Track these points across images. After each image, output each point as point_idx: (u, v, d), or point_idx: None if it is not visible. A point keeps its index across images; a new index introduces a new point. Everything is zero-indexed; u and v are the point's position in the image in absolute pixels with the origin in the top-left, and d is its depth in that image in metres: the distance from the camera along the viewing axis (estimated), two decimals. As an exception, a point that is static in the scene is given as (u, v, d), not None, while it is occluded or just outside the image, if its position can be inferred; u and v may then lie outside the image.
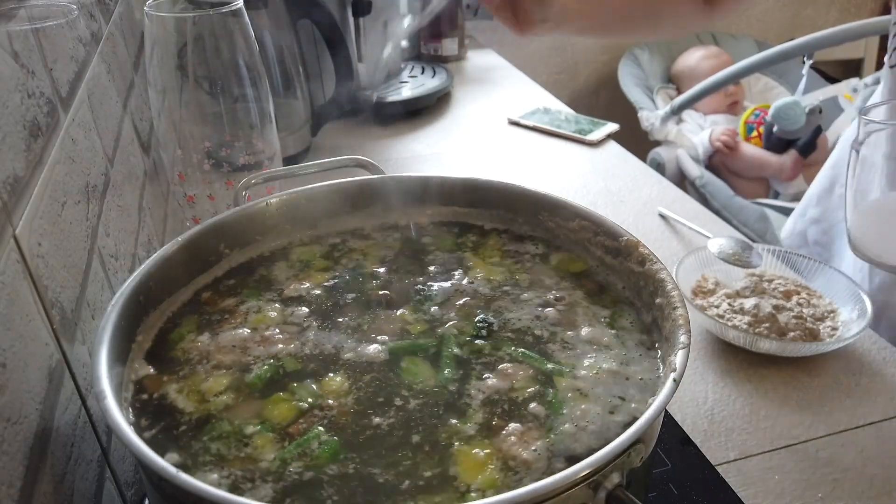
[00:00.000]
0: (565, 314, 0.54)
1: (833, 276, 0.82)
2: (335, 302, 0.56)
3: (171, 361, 0.49)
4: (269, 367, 0.49)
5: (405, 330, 0.53)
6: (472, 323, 0.53)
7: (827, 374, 0.74)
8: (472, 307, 0.55)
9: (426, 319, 0.54)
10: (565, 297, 0.56)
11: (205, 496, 0.34)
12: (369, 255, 0.62)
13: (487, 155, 1.28)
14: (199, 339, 0.51)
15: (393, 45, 1.15)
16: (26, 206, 0.44)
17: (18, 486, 0.37)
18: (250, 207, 0.61)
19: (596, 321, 0.53)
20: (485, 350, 0.50)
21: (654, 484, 0.61)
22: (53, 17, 0.59)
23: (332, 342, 0.51)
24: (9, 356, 0.38)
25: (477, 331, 0.52)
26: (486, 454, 0.42)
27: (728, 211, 2.10)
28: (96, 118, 0.65)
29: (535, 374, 0.48)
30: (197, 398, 0.46)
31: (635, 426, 0.37)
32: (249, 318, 0.54)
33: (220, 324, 0.53)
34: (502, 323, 0.53)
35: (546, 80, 1.84)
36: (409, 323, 0.53)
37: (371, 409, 0.45)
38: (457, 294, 0.56)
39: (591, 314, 0.54)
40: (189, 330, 0.52)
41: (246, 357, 0.50)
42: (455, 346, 0.50)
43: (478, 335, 0.52)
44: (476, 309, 0.55)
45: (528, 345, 0.51)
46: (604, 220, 0.58)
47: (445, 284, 0.58)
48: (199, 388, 0.47)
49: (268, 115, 0.80)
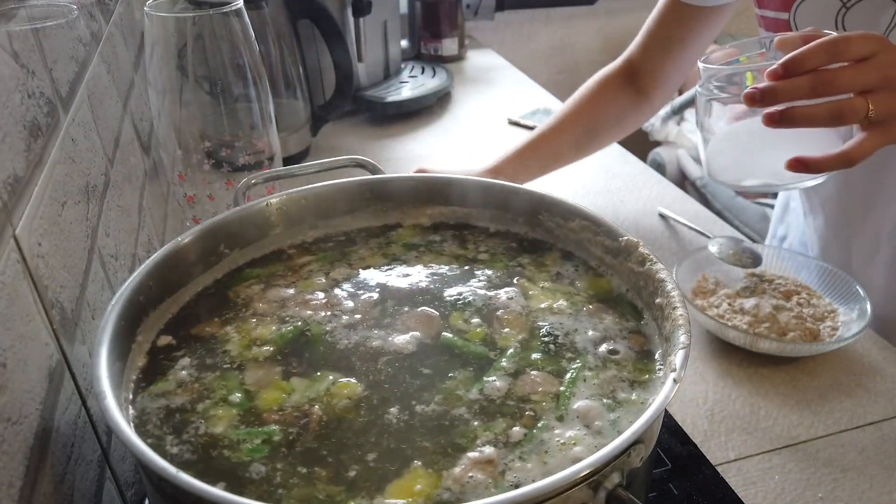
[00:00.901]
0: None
1: (833, 275, 0.82)
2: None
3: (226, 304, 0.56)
4: (294, 328, 0.52)
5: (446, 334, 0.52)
6: (538, 337, 0.52)
7: (827, 374, 0.74)
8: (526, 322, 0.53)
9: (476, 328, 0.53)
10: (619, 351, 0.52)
11: (205, 496, 0.34)
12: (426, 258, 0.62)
13: (487, 155, 1.27)
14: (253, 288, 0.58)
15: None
16: (26, 206, 0.44)
17: (18, 486, 0.37)
18: (250, 207, 0.61)
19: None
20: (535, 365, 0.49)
21: (654, 484, 0.61)
22: (53, 17, 0.59)
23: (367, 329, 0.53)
24: (9, 356, 0.38)
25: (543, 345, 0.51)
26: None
27: (730, 211, 2.10)
28: (96, 118, 0.65)
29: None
30: (237, 342, 0.51)
31: (635, 426, 0.37)
32: (301, 282, 0.58)
33: (278, 279, 0.58)
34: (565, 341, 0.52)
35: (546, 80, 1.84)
36: (463, 330, 0.53)
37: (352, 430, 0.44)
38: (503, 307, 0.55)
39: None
40: (254, 276, 0.59)
41: (285, 312, 0.54)
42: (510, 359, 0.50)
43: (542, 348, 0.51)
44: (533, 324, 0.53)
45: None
46: (604, 220, 0.58)
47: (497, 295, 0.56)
48: (246, 330, 0.53)
49: (268, 115, 0.80)
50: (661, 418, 0.46)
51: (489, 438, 0.43)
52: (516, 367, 0.49)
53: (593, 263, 0.60)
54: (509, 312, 0.54)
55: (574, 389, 0.47)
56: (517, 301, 0.56)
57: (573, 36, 2.55)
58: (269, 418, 0.45)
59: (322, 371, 0.48)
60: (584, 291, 0.57)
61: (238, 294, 0.57)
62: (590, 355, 0.50)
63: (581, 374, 0.48)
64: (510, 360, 0.49)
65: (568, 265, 0.61)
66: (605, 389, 0.47)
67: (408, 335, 0.52)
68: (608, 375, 0.48)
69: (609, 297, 0.56)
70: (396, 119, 1.39)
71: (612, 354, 0.50)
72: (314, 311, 0.55)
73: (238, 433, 0.44)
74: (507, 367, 0.49)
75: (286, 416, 0.45)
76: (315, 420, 0.44)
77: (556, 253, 0.62)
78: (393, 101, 1.37)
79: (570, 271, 0.60)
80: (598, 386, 0.47)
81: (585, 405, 0.46)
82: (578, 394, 0.47)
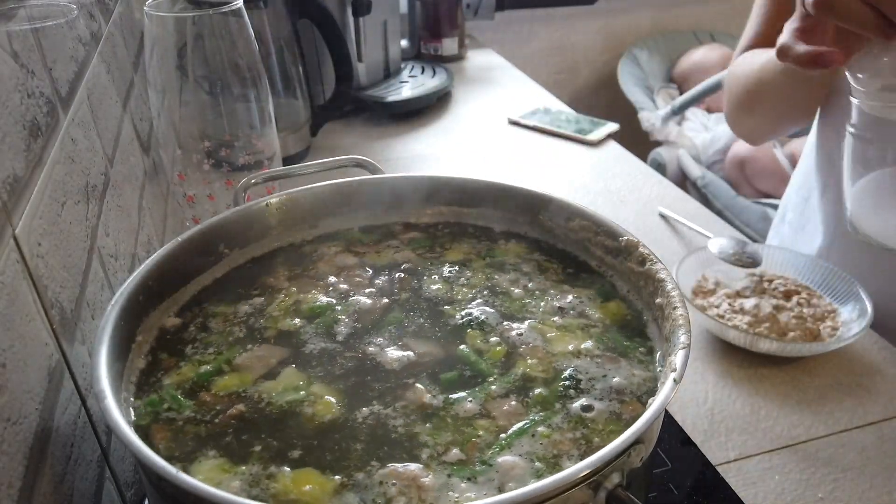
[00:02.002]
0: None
1: (833, 275, 0.81)
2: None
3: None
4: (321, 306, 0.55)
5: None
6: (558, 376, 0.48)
7: (827, 374, 0.74)
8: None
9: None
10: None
11: (205, 496, 0.34)
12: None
13: (487, 155, 1.28)
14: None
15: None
16: (26, 206, 0.44)
17: (18, 486, 0.37)
18: (250, 207, 0.61)
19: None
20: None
21: (655, 484, 0.61)
22: (53, 16, 0.59)
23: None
24: (9, 356, 0.38)
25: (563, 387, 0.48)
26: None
27: (730, 211, 2.10)
28: (96, 118, 0.65)
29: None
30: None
31: (635, 426, 0.37)
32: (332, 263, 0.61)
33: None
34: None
35: (546, 80, 1.84)
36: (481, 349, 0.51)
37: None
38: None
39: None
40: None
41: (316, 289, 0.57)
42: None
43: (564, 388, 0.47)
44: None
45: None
46: (604, 220, 0.58)
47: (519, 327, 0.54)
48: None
49: (268, 115, 0.80)
50: (661, 418, 0.46)
51: (426, 453, 0.42)
52: (506, 391, 0.47)
53: (594, 264, 0.60)
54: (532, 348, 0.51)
55: (513, 441, 0.43)
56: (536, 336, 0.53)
57: (573, 36, 2.55)
58: (202, 396, 0.47)
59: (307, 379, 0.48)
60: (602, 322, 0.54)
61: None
62: (559, 412, 0.45)
63: (533, 428, 0.44)
64: (502, 384, 0.48)
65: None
66: (548, 451, 0.43)
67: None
68: (564, 438, 0.44)
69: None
70: (396, 119, 1.39)
71: (585, 411, 0.46)
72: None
73: (167, 394, 0.47)
74: (496, 390, 0.47)
75: (216, 399, 0.47)
76: (234, 414, 0.45)
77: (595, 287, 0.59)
78: (393, 101, 1.37)
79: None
80: (544, 446, 0.43)
81: (511, 461, 0.42)
82: (515, 447, 0.43)
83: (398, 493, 0.39)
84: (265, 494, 0.40)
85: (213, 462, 0.42)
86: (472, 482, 0.40)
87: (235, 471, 0.41)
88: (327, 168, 0.67)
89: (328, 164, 0.67)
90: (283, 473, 0.41)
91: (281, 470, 0.41)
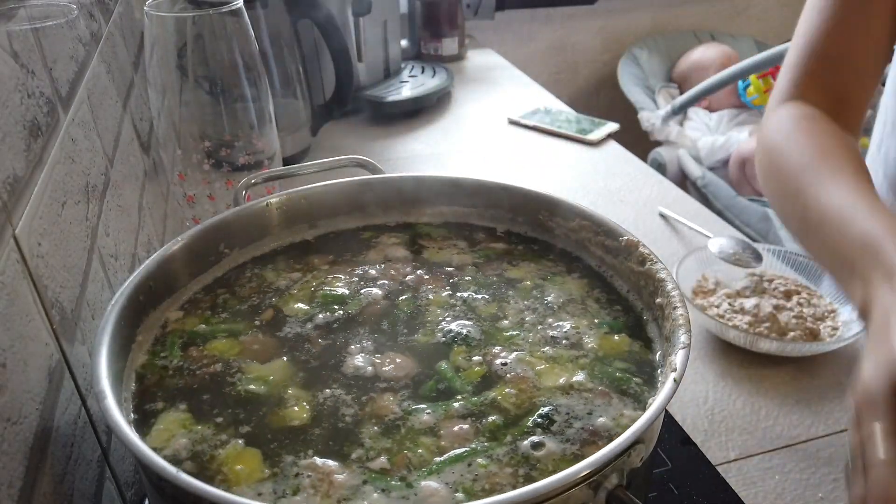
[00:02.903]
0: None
1: (833, 275, 0.82)
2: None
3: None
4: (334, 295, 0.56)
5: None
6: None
7: (827, 374, 0.74)
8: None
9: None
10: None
11: (205, 496, 0.34)
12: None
13: (487, 155, 1.28)
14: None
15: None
16: (26, 206, 0.44)
17: (18, 486, 0.37)
18: (250, 207, 0.61)
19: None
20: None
21: (655, 484, 0.61)
22: (53, 16, 0.59)
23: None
24: (9, 356, 0.38)
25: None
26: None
27: (731, 211, 2.10)
28: (96, 118, 0.65)
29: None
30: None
31: (635, 426, 0.37)
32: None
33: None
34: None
35: (546, 80, 1.84)
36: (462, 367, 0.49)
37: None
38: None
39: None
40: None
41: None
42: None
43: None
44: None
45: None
46: (604, 220, 0.58)
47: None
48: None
49: (268, 115, 0.80)
50: (662, 418, 0.46)
51: (357, 453, 0.42)
52: (467, 410, 0.45)
53: (594, 264, 0.60)
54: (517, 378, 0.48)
55: (445, 467, 0.41)
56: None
57: (573, 36, 2.55)
58: (190, 351, 0.50)
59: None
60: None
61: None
62: (505, 445, 0.43)
63: (471, 457, 0.42)
64: (467, 403, 0.46)
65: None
66: (478, 484, 0.40)
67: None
68: (503, 472, 0.41)
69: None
70: (396, 119, 1.39)
71: (534, 449, 0.42)
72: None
73: (169, 340, 0.51)
74: (457, 409, 0.45)
75: (201, 356, 0.50)
76: (210, 372, 0.48)
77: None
78: (393, 100, 1.37)
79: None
80: (476, 478, 0.40)
81: (433, 488, 0.40)
82: (445, 473, 0.40)
83: (309, 486, 0.40)
84: (202, 457, 0.42)
85: (178, 415, 0.45)
86: (384, 494, 0.39)
87: (192, 429, 0.44)
88: (327, 168, 0.67)
89: (328, 164, 0.67)
90: (231, 445, 0.42)
91: (231, 441, 0.43)
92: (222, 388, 0.47)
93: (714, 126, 2.41)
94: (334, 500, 0.39)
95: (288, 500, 0.39)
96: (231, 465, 0.41)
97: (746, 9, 2.76)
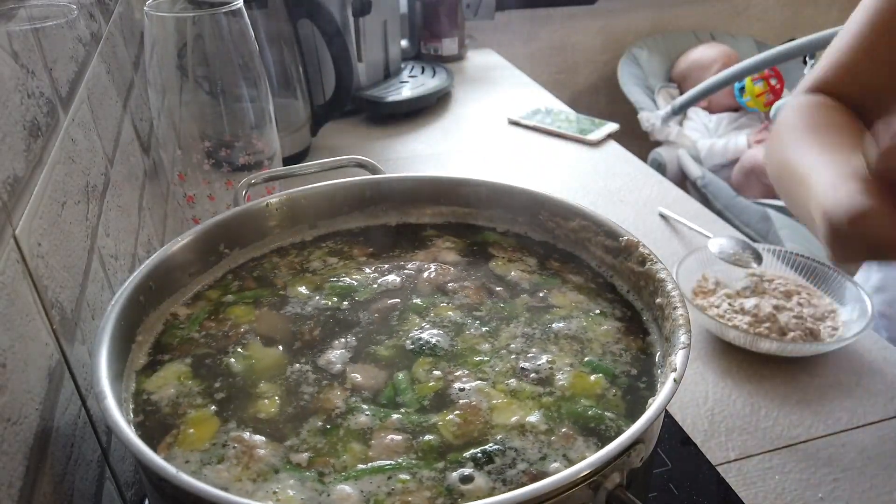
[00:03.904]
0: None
1: (834, 275, 0.82)
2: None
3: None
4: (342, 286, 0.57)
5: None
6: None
7: (827, 374, 0.74)
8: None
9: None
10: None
11: (205, 496, 0.34)
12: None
13: (487, 155, 1.28)
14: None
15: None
16: (26, 206, 0.44)
17: (18, 486, 0.37)
18: (250, 207, 0.61)
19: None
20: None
21: (655, 484, 0.61)
22: (53, 17, 0.59)
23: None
24: (9, 356, 0.38)
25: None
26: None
27: (730, 211, 2.10)
28: (96, 118, 0.65)
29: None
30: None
31: (635, 426, 0.37)
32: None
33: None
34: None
35: (546, 80, 1.84)
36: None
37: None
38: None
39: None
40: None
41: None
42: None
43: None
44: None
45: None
46: (604, 220, 0.58)
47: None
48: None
49: (268, 115, 0.80)
50: (662, 418, 0.46)
51: (290, 441, 0.43)
52: (402, 425, 0.44)
53: (594, 264, 0.60)
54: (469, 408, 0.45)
55: (364, 475, 0.40)
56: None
57: (573, 36, 2.55)
58: (208, 324, 0.53)
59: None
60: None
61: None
62: (433, 469, 0.41)
63: (393, 471, 0.41)
64: (406, 419, 0.44)
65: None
66: (392, 499, 0.39)
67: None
68: (420, 496, 0.39)
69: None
70: (396, 119, 1.39)
71: (462, 482, 0.40)
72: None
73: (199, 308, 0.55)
74: (394, 421, 0.44)
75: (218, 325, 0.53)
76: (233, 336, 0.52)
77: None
78: (393, 101, 1.37)
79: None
80: (392, 493, 0.39)
81: (346, 492, 0.39)
82: (362, 481, 0.40)
83: (233, 456, 0.41)
84: (175, 411, 0.45)
85: (180, 367, 0.49)
86: (298, 483, 0.40)
87: (184, 382, 0.47)
88: (327, 168, 0.67)
89: (328, 164, 0.67)
90: (202, 410, 0.45)
91: (205, 406, 0.45)
92: (224, 355, 0.50)
93: (713, 128, 2.41)
94: (253, 472, 0.41)
95: (212, 468, 0.41)
96: (187, 427, 0.44)
97: (746, 9, 2.76)
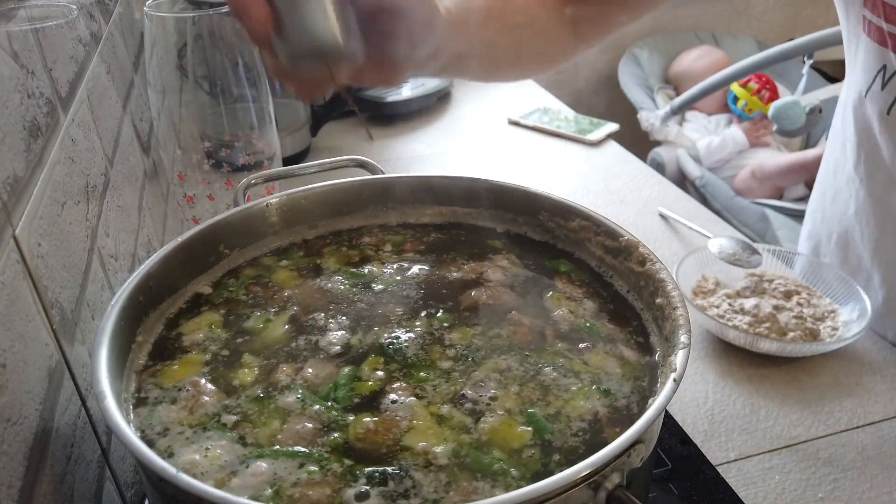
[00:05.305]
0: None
1: (833, 275, 0.82)
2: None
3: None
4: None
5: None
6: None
7: (827, 374, 0.74)
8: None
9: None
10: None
11: (204, 496, 0.34)
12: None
13: (487, 155, 1.28)
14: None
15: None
16: (26, 206, 0.44)
17: (18, 486, 0.37)
18: (250, 207, 0.61)
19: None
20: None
21: (655, 484, 0.61)
22: (53, 17, 0.59)
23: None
24: (9, 356, 0.38)
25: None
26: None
27: (728, 211, 2.10)
28: (96, 118, 0.65)
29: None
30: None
31: (635, 426, 0.37)
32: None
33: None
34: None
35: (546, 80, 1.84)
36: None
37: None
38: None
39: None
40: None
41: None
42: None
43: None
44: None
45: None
46: (604, 220, 0.58)
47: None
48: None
49: (268, 115, 0.80)
50: (662, 418, 0.46)
51: (231, 403, 0.45)
52: (318, 416, 0.44)
53: (594, 264, 0.60)
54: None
55: (280, 456, 0.41)
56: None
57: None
58: (252, 287, 0.57)
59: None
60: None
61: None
62: (344, 468, 0.41)
63: (308, 461, 0.41)
64: (327, 413, 0.44)
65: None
66: (294, 491, 0.39)
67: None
68: (322, 492, 0.39)
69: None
70: (396, 119, 1.39)
71: (357, 499, 0.39)
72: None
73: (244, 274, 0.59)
74: (313, 410, 0.44)
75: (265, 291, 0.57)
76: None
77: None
78: (393, 101, 1.37)
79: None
80: (297, 484, 0.39)
81: (262, 469, 0.40)
82: (278, 461, 0.41)
83: (184, 398, 0.45)
84: (188, 352, 0.50)
85: (214, 317, 0.54)
86: (228, 445, 0.42)
87: (214, 330, 0.52)
88: (327, 168, 0.67)
89: (328, 164, 0.67)
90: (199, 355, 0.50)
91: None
92: (252, 311, 0.54)
93: (712, 129, 2.41)
94: (197, 416, 0.44)
95: (165, 406, 0.45)
96: (176, 364, 0.48)
97: (746, 9, 2.76)
